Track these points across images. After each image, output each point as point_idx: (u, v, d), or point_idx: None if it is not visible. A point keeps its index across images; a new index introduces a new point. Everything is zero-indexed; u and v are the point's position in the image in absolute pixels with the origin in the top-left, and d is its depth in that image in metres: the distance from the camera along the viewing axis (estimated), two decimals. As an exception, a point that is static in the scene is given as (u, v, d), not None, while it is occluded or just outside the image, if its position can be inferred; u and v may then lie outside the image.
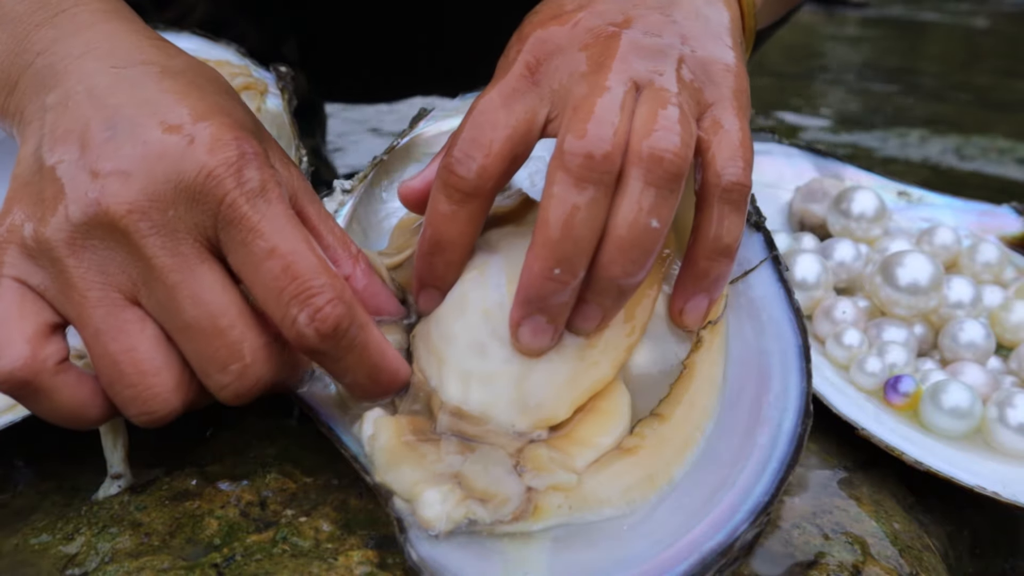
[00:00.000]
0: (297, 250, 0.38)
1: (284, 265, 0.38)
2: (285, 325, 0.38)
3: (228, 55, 0.59)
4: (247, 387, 0.39)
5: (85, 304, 0.38)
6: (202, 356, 0.38)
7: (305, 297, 0.37)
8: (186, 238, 0.38)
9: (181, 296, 0.38)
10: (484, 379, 0.42)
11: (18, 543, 0.41)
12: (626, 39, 0.42)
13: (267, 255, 0.38)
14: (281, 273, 0.38)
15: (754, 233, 0.48)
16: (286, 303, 0.38)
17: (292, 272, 0.38)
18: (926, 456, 0.49)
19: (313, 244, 0.39)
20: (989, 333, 0.56)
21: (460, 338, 0.42)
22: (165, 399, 0.39)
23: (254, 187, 0.38)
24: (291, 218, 0.39)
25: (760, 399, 0.43)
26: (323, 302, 0.38)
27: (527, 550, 0.38)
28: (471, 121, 0.42)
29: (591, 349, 0.42)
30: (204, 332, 0.38)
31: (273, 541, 0.40)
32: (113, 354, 0.38)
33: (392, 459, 0.39)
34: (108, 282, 0.38)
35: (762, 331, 0.45)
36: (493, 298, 0.43)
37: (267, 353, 0.39)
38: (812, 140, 1.56)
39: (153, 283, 0.38)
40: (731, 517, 0.39)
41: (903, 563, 0.43)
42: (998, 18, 3.21)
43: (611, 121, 0.39)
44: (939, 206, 0.67)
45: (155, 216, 0.37)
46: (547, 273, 0.39)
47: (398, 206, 0.53)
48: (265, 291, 0.38)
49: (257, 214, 0.38)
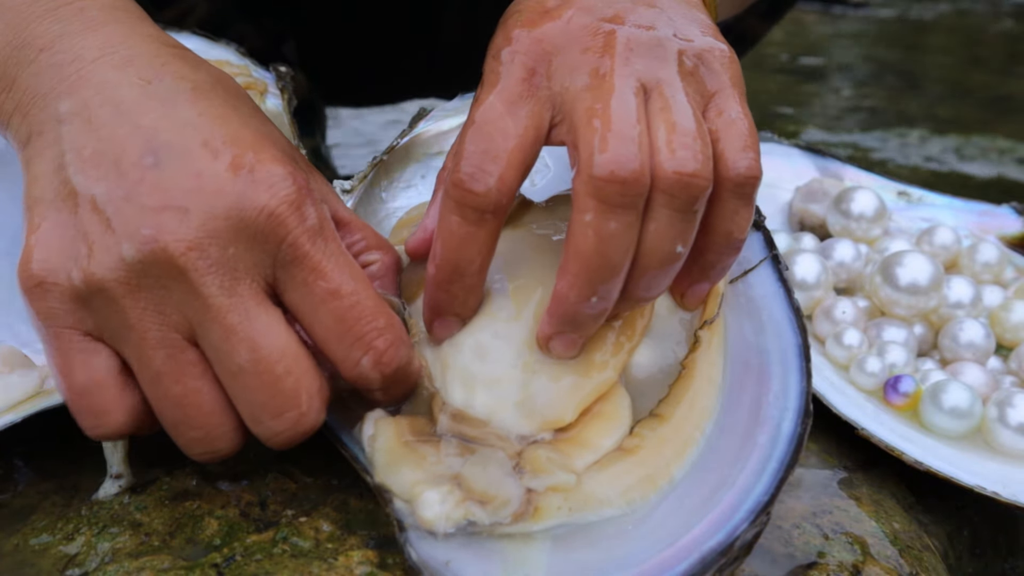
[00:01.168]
0: (358, 291, 0.38)
1: (347, 306, 0.37)
2: (347, 366, 0.38)
3: (228, 55, 0.59)
4: (301, 434, 0.38)
5: (144, 346, 0.37)
6: (255, 403, 0.37)
7: (369, 340, 0.37)
8: (244, 278, 0.37)
9: (237, 339, 0.36)
10: (489, 383, 0.42)
11: (18, 543, 0.41)
12: (622, 37, 0.41)
13: (330, 296, 0.37)
14: (344, 315, 0.37)
15: (754, 233, 0.48)
16: (349, 345, 0.37)
17: (355, 314, 0.37)
18: (926, 456, 0.49)
19: (370, 283, 0.39)
20: (989, 333, 0.56)
21: (464, 342, 0.42)
22: (231, 439, 0.38)
23: (314, 224, 0.37)
24: (347, 256, 0.39)
25: (760, 399, 0.43)
26: (386, 345, 0.38)
27: (527, 550, 0.38)
28: (475, 132, 0.39)
29: (596, 352, 0.42)
30: (260, 377, 0.37)
31: (273, 541, 0.40)
32: (177, 397, 0.37)
33: (392, 460, 0.39)
34: (166, 322, 0.37)
35: (762, 330, 0.45)
36: (497, 302, 0.43)
37: (321, 399, 0.38)
38: (812, 140, 1.56)
39: (210, 324, 0.36)
40: (731, 517, 0.39)
41: (903, 563, 0.43)
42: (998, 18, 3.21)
43: (632, 136, 0.37)
44: (939, 206, 0.67)
45: (214, 254, 0.36)
46: (584, 300, 0.39)
47: (398, 206, 0.53)
48: (327, 332, 0.38)
49: (319, 253, 0.37)
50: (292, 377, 0.37)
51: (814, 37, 2.78)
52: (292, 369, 0.37)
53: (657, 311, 0.45)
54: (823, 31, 2.89)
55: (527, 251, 0.45)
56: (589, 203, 0.37)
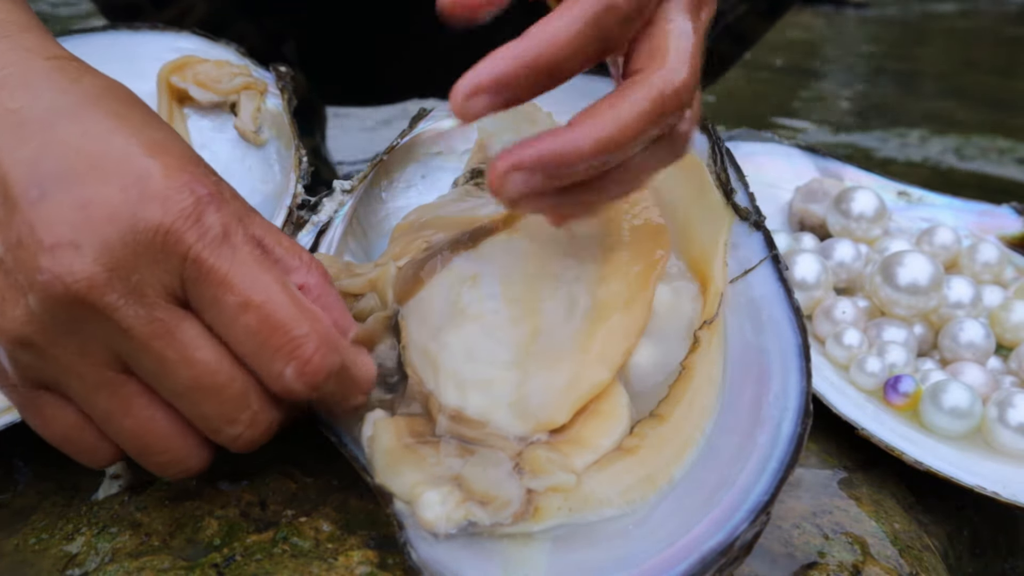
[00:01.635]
0: (272, 299, 0.35)
1: (261, 318, 0.35)
2: (271, 381, 0.36)
3: (228, 55, 0.59)
4: (261, 432, 0.37)
5: (85, 389, 0.36)
6: (207, 416, 0.36)
7: (289, 350, 0.35)
8: (157, 300, 0.35)
9: (171, 363, 0.35)
10: (481, 385, 0.42)
11: (18, 543, 0.41)
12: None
13: (241, 309, 0.35)
14: (258, 327, 0.35)
15: (754, 232, 0.48)
16: (268, 359, 0.35)
17: (270, 324, 0.35)
18: (926, 456, 0.49)
19: (288, 286, 0.36)
20: (989, 333, 0.56)
21: (455, 346, 0.42)
22: (197, 454, 0.38)
23: (216, 234, 0.35)
24: (259, 259, 0.36)
25: (760, 399, 0.43)
26: (310, 352, 0.35)
27: (527, 550, 0.38)
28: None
29: (588, 354, 0.42)
30: (205, 392, 0.36)
31: (273, 541, 0.40)
32: (132, 429, 0.36)
33: (392, 461, 0.39)
34: (96, 362, 0.35)
35: (762, 330, 0.45)
36: (488, 306, 0.43)
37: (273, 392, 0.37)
38: (812, 140, 1.56)
39: (138, 354, 0.35)
40: (731, 516, 0.39)
41: (903, 563, 0.43)
42: (998, 18, 3.21)
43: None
44: (939, 206, 0.67)
45: (119, 286, 0.34)
46: (637, 135, 0.35)
47: (398, 206, 0.53)
48: (243, 348, 0.35)
49: (225, 264, 0.35)
50: (237, 382, 0.36)
51: (814, 37, 2.78)
52: (234, 374, 0.36)
53: (656, 311, 0.45)
54: (823, 31, 2.89)
55: (520, 254, 0.45)
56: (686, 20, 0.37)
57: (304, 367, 0.35)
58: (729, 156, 0.49)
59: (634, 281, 0.45)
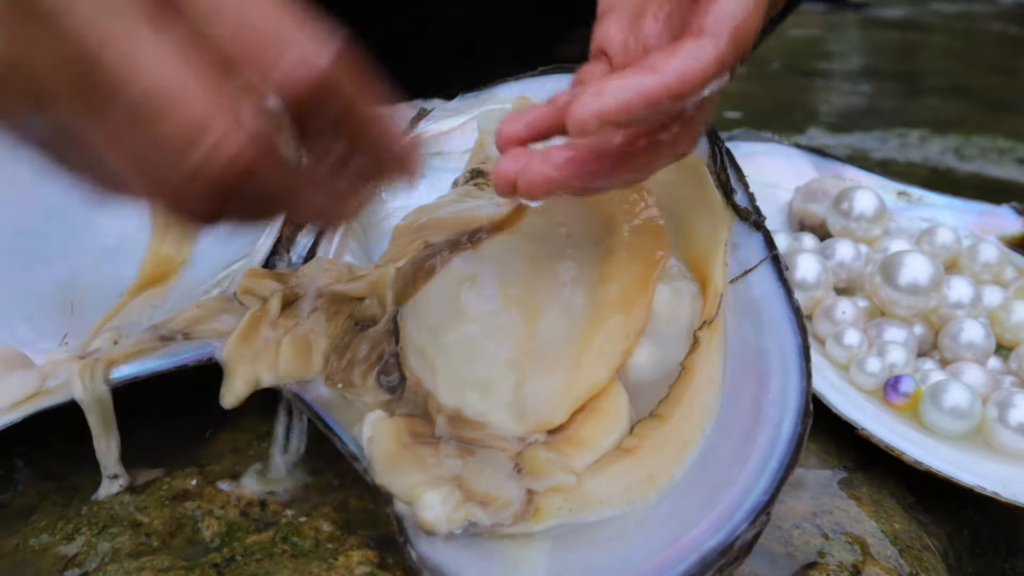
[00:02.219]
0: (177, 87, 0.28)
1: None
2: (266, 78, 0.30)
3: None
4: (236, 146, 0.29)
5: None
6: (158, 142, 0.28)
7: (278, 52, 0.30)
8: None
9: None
10: (480, 386, 0.42)
11: (18, 543, 0.41)
12: None
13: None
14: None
15: (754, 233, 0.48)
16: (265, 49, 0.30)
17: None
18: (926, 456, 0.49)
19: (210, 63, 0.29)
20: (989, 333, 0.56)
21: (453, 347, 0.42)
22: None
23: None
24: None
25: (760, 399, 0.43)
26: (216, 140, 0.28)
27: (527, 551, 0.38)
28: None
29: (587, 354, 0.42)
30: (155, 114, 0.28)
31: (273, 541, 0.40)
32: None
33: (391, 462, 0.39)
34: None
35: (762, 330, 0.45)
36: (487, 307, 0.43)
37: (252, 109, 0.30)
38: (812, 140, 1.56)
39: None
40: (731, 517, 0.39)
41: (903, 563, 0.43)
42: (998, 18, 3.21)
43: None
44: (939, 206, 0.67)
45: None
46: (707, 79, 0.35)
47: (398, 206, 0.53)
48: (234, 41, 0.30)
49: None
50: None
51: (814, 37, 2.78)
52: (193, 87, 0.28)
53: (656, 311, 0.45)
54: (823, 31, 2.89)
55: (519, 255, 0.45)
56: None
57: (212, 155, 0.28)
58: (729, 156, 0.49)
59: (634, 281, 0.45)
